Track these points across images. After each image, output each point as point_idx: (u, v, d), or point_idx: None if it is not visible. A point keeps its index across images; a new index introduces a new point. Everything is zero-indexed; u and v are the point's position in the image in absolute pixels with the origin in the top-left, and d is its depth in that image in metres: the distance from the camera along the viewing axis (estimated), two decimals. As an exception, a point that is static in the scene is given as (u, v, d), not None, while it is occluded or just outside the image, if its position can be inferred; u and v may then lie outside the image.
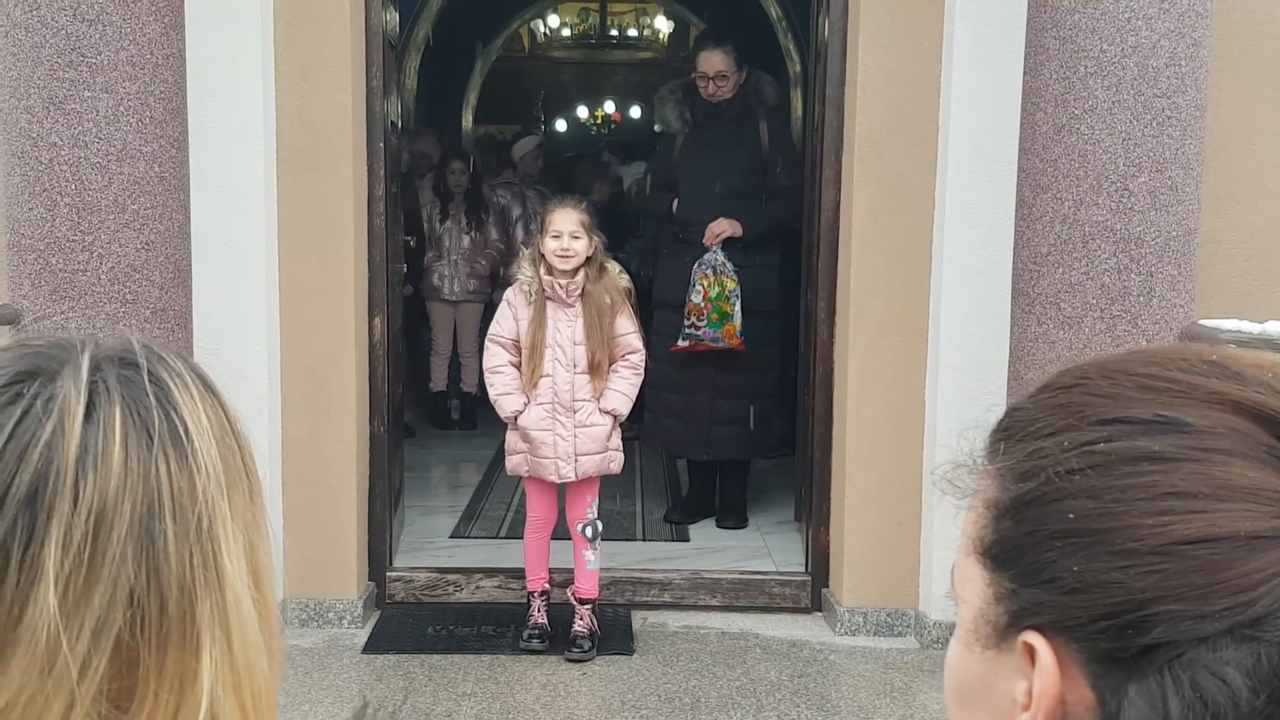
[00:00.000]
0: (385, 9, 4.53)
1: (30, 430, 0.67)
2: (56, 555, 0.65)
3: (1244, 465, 0.60)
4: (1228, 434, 0.61)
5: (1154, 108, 3.41)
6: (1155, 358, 0.66)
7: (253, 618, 0.72)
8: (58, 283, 3.73)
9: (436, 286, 7.50)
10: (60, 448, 0.67)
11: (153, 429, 0.70)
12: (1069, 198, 3.49)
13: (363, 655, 4.17)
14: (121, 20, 3.70)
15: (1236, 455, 0.60)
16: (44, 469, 0.66)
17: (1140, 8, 3.37)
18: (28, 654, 0.65)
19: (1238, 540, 0.58)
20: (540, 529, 4.28)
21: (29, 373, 0.70)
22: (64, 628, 0.65)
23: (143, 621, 0.67)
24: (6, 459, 0.67)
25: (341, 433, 4.35)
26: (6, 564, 0.65)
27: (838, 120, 4.46)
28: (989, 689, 0.67)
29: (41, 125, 3.70)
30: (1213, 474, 0.60)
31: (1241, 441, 0.60)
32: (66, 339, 0.73)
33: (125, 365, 0.72)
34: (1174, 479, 0.60)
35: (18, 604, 0.65)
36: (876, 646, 4.34)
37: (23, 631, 0.65)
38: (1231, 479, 0.59)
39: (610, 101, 13.78)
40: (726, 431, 5.40)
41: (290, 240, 4.25)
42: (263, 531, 0.76)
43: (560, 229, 4.11)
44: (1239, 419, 0.61)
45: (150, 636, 0.68)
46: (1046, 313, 3.56)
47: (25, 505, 0.66)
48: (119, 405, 0.69)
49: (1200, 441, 0.61)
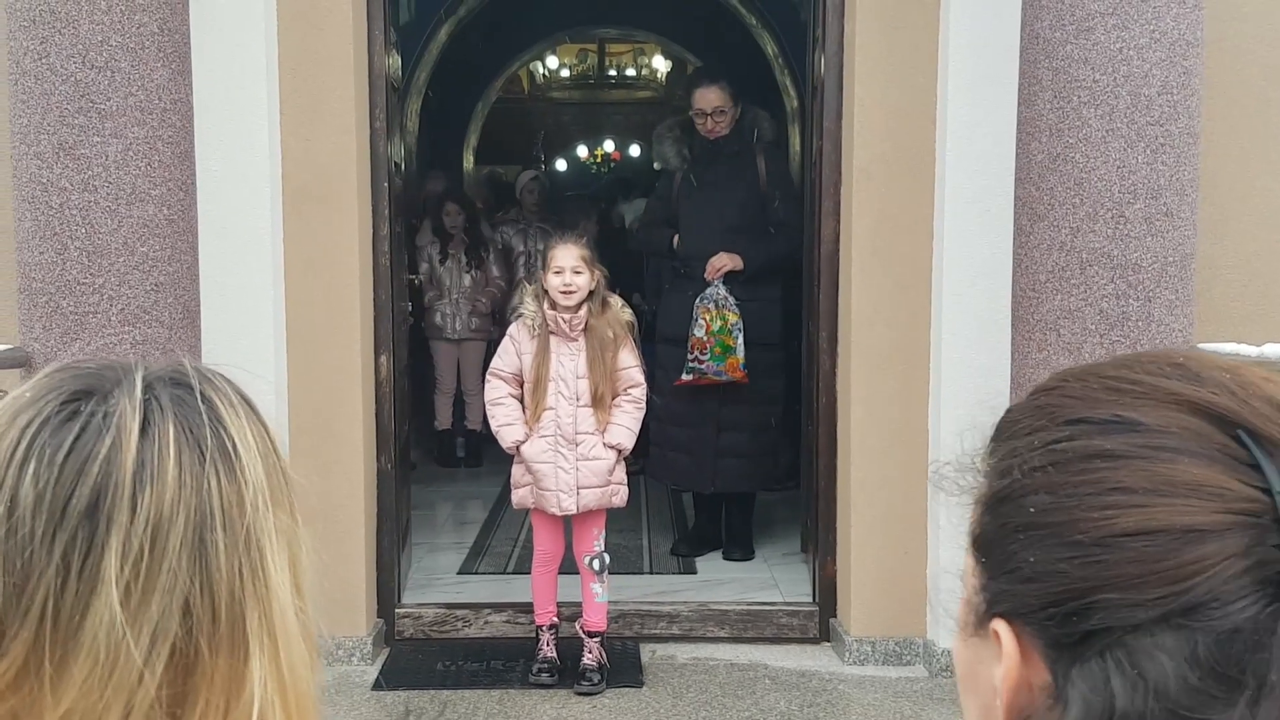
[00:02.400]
0: (388, 53, 4.60)
1: (89, 445, 0.70)
2: (116, 564, 0.68)
3: (1189, 462, 0.62)
4: (1180, 433, 0.63)
5: (1148, 135, 3.46)
6: (1128, 361, 0.70)
7: (296, 628, 0.75)
8: (68, 325, 3.77)
9: (439, 325, 7.56)
10: (118, 461, 0.70)
11: (204, 445, 0.73)
12: (1066, 225, 3.53)
13: (372, 692, 4.18)
14: (130, 67, 3.76)
15: (1184, 453, 0.62)
16: (103, 482, 0.69)
17: (1131, 38, 3.43)
18: (89, 660, 0.68)
19: (1173, 534, 0.61)
20: (548, 563, 4.30)
21: (85, 391, 0.74)
22: (124, 635, 0.68)
23: (197, 629, 0.70)
24: (67, 472, 0.70)
25: (349, 470, 4.38)
26: (67, 573, 0.68)
27: (835, 153, 4.52)
28: (976, 674, 0.71)
29: (52, 170, 3.75)
30: (1157, 470, 0.62)
31: (1193, 440, 0.63)
32: (117, 361, 0.77)
33: (176, 385, 0.76)
34: (1120, 475, 0.63)
35: (78, 612, 0.68)
36: (885, 675, 4.34)
37: (84, 638, 0.68)
38: (1175, 475, 0.62)
39: (610, 140, 13.88)
40: (732, 464, 5.43)
41: (296, 280, 4.30)
42: (303, 546, 0.79)
43: (562, 264, 4.16)
44: (1194, 418, 0.64)
45: (204, 644, 0.70)
46: (1047, 339, 3.59)
47: (85, 517, 0.69)
48: (173, 422, 0.73)
49: (1150, 440, 0.64)
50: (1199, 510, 0.61)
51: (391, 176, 4.61)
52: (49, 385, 0.74)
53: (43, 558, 0.68)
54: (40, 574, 0.68)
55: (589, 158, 13.94)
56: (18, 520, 0.68)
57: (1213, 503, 0.61)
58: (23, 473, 0.69)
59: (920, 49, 4.28)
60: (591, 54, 13.13)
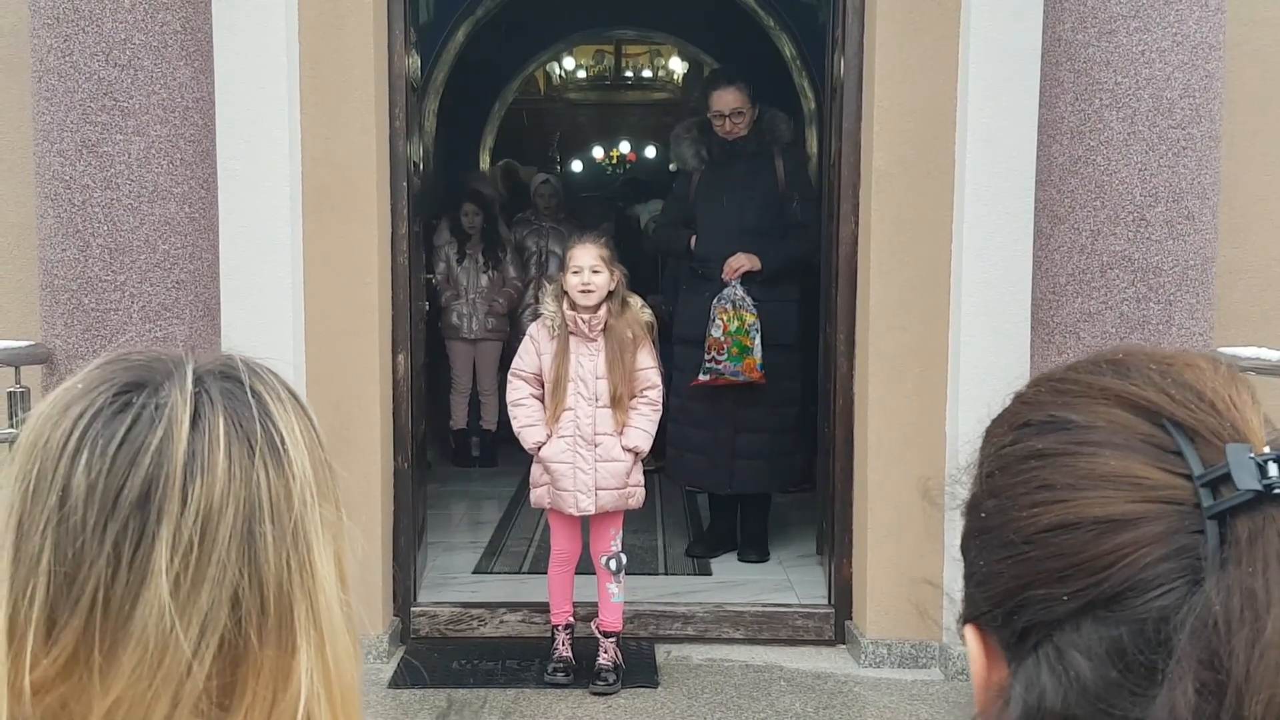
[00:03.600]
0: (408, 53, 4.61)
1: (141, 436, 0.71)
2: (166, 555, 0.69)
3: (1111, 454, 0.63)
4: (1106, 427, 0.64)
5: (1169, 138, 3.45)
6: (1076, 362, 0.71)
7: (341, 621, 0.76)
8: (90, 322, 3.79)
9: (455, 325, 7.58)
10: (170, 453, 0.71)
11: (254, 438, 0.74)
12: (1086, 228, 3.52)
13: (388, 691, 4.19)
14: (153, 65, 3.78)
15: (1108, 446, 0.63)
16: (154, 473, 0.70)
17: (1154, 40, 3.42)
18: (138, 649, 0.68)
19: (1089, 525, 0.61)
20: (564, 563, 4.30)
21: (136, 384, 0.74)
22: (173, 625, 0.68)
23: (246, 621, 0.71)
24: (119, 463, 0.70)
25: (366, 468, 4.39)
26: (118, 563, 0.69)
27: (854, 155, 4.51)
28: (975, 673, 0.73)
29: (74, 168, 3.78)
30: (1079, 465, 0.63)
31: (1118, 433, 0.64)
32: (168, 354, 0.77)
33: (226, 378, 0.76)
34: (1046, 473, 0.65)
35: (128, 601, 0.69)
36: (901, 678, 4.33)
37: (134, 628, 0.68)
38: (1095, 468, 0.63)
39: (625, 141, 13.89)
40: (749, 465, 5.42)
41: (315, 278, 4.31)
42: (348, 539, 0.79)
43: (581, 264, 4.16)
44: (1121, 411, 0.65)
45: (252, 636, 0.71)
46: (1066, 342, 3.58)
47: (137, 507, 0.69)
48: (223, 415, 0.73)
49: (1077, 436, 0.65)
50: (1116, 500, 0.61)
51: (410, 176, 4.62)
52: (101, 377, 0.74)
53: (94, 547, 0.68)
54: (91, 563, 0.68)
55: (604, 159, 13.96)
56: (69, 510, 0.69)
57: (1130, 492, 0.61)
58: (75, 463, 0.70)
59: (940, 51, 4.27)
60: (608, 55, 13.15)
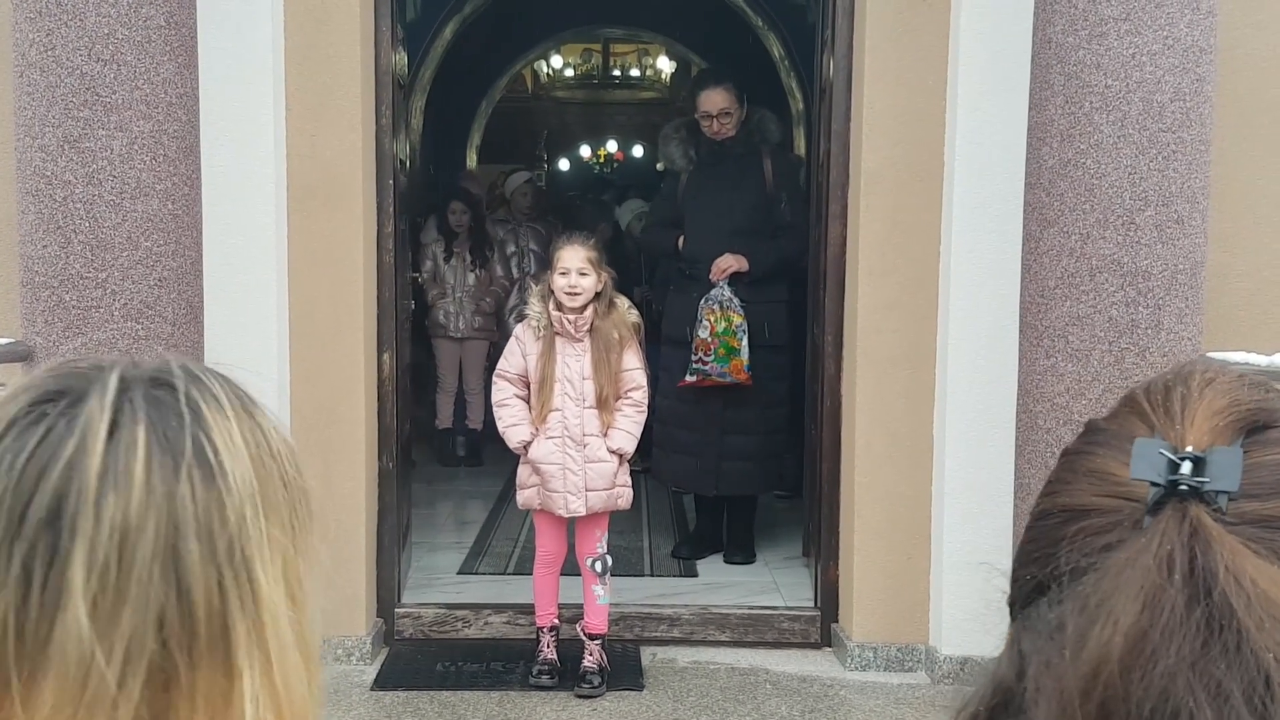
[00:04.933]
0: (395, 50, 4.57)
1: (52, 449, 0.67)
2: (82, 575, 0.64)
3: (1104, 454, 0.67)
4: (1115, 430, 0.69)
5: (1159, 142, 3.44)
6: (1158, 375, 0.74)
7: (291, 641, 0.71)
8: (71, 319, 3.75)
9: (442, 324, 7.55)
10: (82, 466, 0.66)
11: (181, 449, 0.69)
12: (1075, 231, 3.51)
13: (371, 692, 4.16)
14: (136, 60, 3.74)
15: (1105, 447, 0.68)
16: (64, 488, 0.66)
17: (1144, 44, 3.41)
18: (59, 676, 0.64)
19: (1057, 513, 0.67)
20: (550, 564, 4.28)
21: (57, 392, 0.70)
22: (94, 650, 0.64)
23: (175, 644, 0.66)
24: (26, 478, 0.66)
25: (351, 468, 4.36)
26: (30, 584, 0.64)
27: (844, 156, 4.49)
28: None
29: (56, 163, 3.73)
30: (1080, 463, 0.69)
31: (1118, 437, 0.68)
32: (107, 360, 0.73)
33: (158, 385, 0.71)
34: (1061, 469, 0.70)
35: (45, 624, 0.64)
36: (887, 682, 4.32)
37: (53, 653, 0.64)
38: (1087, 465, 0.68)
39: (613, 141, 13.87)
40: (736, 467, 5.40)
41: (301, 277, 4.27)
42: (305, 553, 0.74)
43: (568, 265, 4.14)
44: (1133, 417, 0.69)
45: (182, 658, 0.66)
46: (1055, 345, 3.57)
47: (46, 525, 0.65)
48: (144, 425, 0.68)
49: (1095, 439, 0.70)
50: (1084, 493, 0.66)
51: (397, 174, 4.59)
52: (25, 385, 0.70)
53: (1, 568, 0.64)
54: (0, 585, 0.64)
55: (592, 158, 13.93)
56: None
57: (1098, 486, 0.66)
58: None
59: (931, 52, 4.25)
60: (596, 54, 13.12)
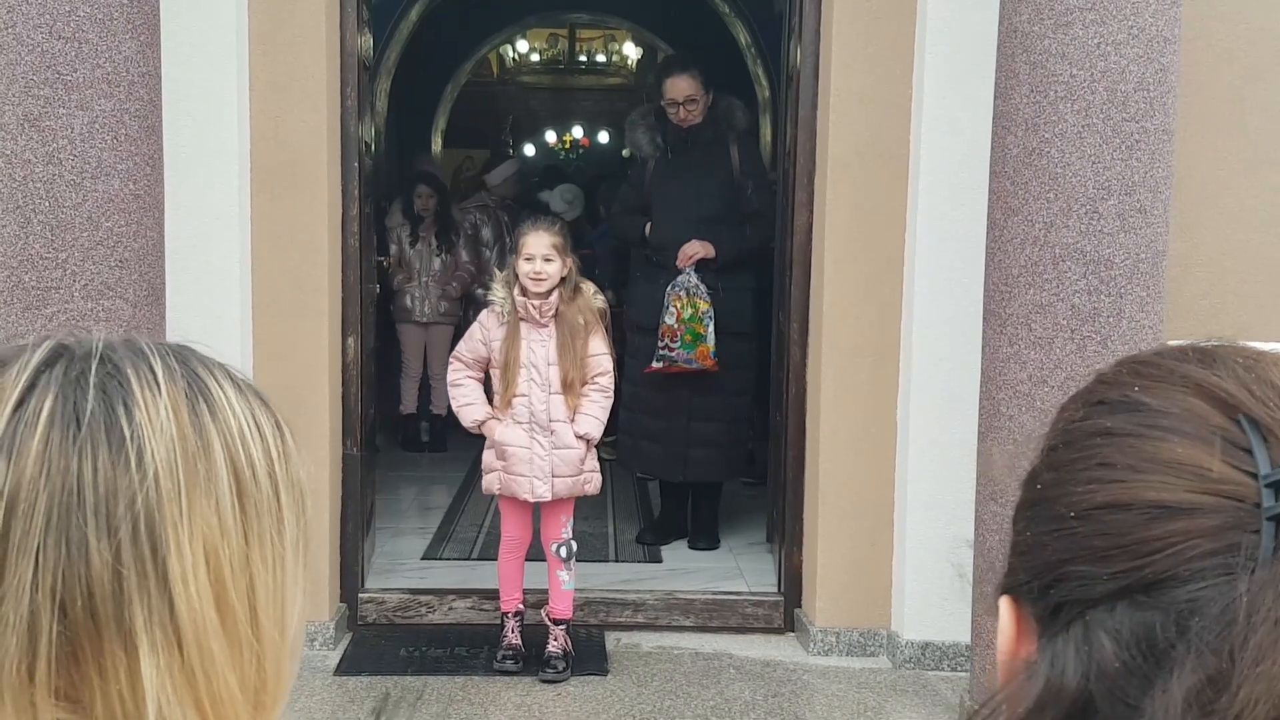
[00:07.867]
0: (361, 32, 4.54)
1: None
2: None
3: (1178, 441, 0.62)
4: (1179, 413, 0.63)
5: (1123, 132, 3.46)
6: (1164, 348, 0.70)
7: (214, 626, 0.69)
8: (30, 300, 3.69)
9: (408, 308, 7.51)
10: None
11: (86, 423, 0.68)
12: (1039, 220, 3.53)
13: (334, 677, 4.14)
14: (98, 38, 3.68)
15: (1175, 432, 0.62)
16: None
17: (1109, 34, 3.43)
18: None
19: (1141, 508, 0.60)
20: (515, 549, 4.27)
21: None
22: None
23: (74, 620, 0.65)
24: None
25: (315, 453, 4.33)
26: None
27: (810, 143, 4.50)
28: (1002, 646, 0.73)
29: (15, 142, 3.67)
30: (1144, 448, 0.62)
31: (1190, 421, 0.62)
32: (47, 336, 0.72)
33: (85, 359, 0.70)
34: (1109, 452, 0.63)
35: None
36: (850, 666, 4.35)
37: None
38: (1159, 453, 0.62)
39: (579, 126, 13.83)
40: (702, 454, 5.42)
41: (264, 259, 4.24)
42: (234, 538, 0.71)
43: (533, 251, 4.13)
44: (1198, 400, 0.63)
45: (85, 631, 0.65)
46: (1018, 333, 3.59)
47: None
48: (52, 398, 0.68)
49: (1148, 419, 0.63)
50: (1173, 488, 0.60)
51: (362, 157, 4.56)
52: None
53: None
54: None
55: (558, 143, 13.89)
56: None
57: (1190, 481, 0.60)
58: None
59: (898, 40, 4.27)
60: (562, 39, 13.08)
